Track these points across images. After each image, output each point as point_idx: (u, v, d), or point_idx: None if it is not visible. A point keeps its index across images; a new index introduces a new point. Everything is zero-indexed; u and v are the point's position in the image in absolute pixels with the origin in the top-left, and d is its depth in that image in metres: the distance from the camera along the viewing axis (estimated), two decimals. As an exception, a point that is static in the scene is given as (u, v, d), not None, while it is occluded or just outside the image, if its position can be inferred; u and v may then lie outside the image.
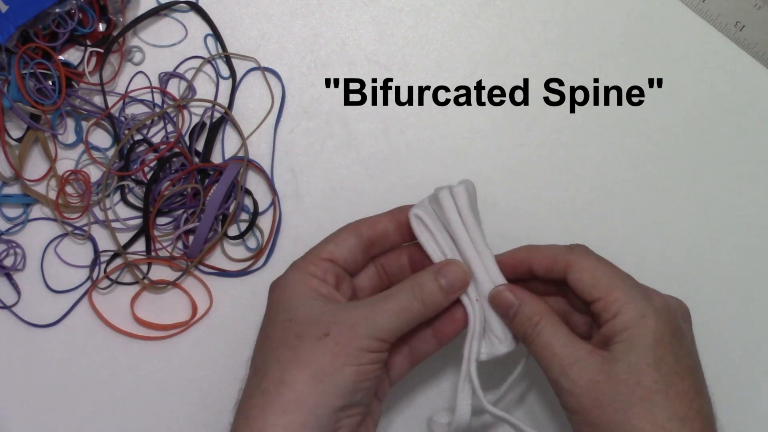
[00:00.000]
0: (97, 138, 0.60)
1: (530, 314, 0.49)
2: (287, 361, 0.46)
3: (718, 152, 0.61)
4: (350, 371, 0.46)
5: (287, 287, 0.50)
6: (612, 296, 0.47)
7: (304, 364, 0.46)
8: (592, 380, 0.46)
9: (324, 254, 0.51)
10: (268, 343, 0.48)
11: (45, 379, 0.60)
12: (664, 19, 0.62)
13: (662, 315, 0.46)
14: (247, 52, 0.61)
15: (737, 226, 0.61)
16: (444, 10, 0.62)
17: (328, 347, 0.46)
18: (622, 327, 0.46)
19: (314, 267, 0.50)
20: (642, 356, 0.45)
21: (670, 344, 0.46)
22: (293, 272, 0.50)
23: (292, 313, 0.48)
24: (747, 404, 0.60)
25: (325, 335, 0.47)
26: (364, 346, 0.47)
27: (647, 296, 0.47)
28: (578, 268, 0.48)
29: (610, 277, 0.48)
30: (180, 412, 0.60)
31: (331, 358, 0.46)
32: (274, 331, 0.48)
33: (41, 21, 0.57)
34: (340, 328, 0.47)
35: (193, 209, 0.59)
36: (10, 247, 0.60)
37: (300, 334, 0.47)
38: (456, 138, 0.61)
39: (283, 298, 0.49)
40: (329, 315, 0.48)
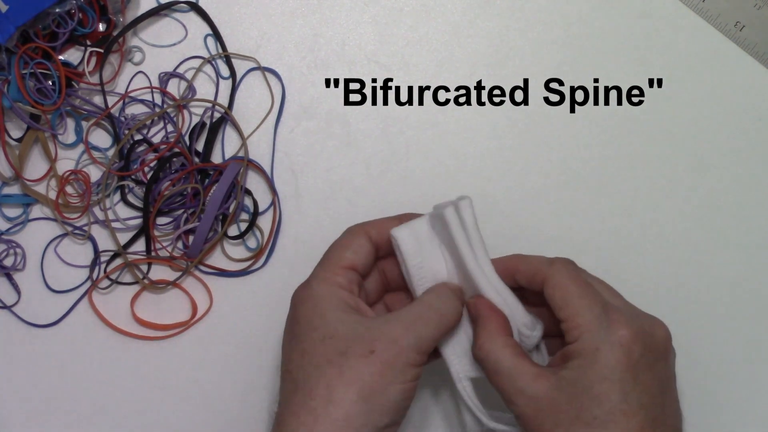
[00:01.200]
0: (97, 138, 0.60)
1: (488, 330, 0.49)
2: (334, 379, 0.46)
3: (718, 152, 0.61)
4: (396, 389, 0.46)
5: (318, 300, 0.49)
6: (574, 321, 0.46)
7: (351, 383, 0.46)
8: (536, 407, 0.46)
9: (345, 263, 0.50)
10: (308, 358, 0.47)
11: (45, 379, 0.60)
12: (664, 19, 0.62)
13: (618, 349, 0.45)
14: (247, 52, 0.61)
15: (737, 226, 0.61)
16: (444, 10, 0.62)
17: (375, 365, 0.46)
18: (576, 354, 0.46)
19: (340, 278, 0.49)
20: (585, 390, 0.45)
21: (620, 380, 0.45)
22: (320, 284, 0.49)
23: (330, 329, 0.47)
24: (747, 404, 0.60)
25: (370, 352, 0.46)
26: (410, 361, 0.46)
27: (609, 326, 0.46)
28: (552, 284, 0.48)
29: (578, 299, 0.47)
30: (180, 412, 0.60)
31: (378, 377, 0.46)
32: (314, 347, 0.47)
33: (41, 21, 0.57)
34: (385, 345, 0.46)
35: (193, 209, 0.59)
36: (10, 247, 0.60)
37: (344, 352, 0.46)
38: (456, 138, 0.61)
39: (315, 313, 0.48)
40: (371, 330, 0.47)
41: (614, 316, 0.46)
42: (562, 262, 0.49)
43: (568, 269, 0.48)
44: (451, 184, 0.60)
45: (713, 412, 0.60)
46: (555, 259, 0.49)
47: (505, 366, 0.47)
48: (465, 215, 0.50)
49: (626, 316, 0.47)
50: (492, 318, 0.49)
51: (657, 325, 0.48)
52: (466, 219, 0.50)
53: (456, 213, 0.50)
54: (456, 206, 0.50)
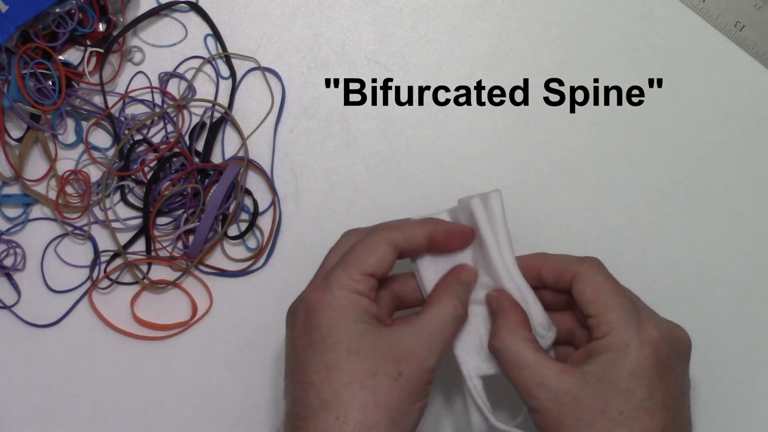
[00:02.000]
0: (97, 138, 0.60)
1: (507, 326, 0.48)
2: (367, 404, 0.45)
3: (718, 152, 0.61)
4: (418, 408, 0.47)
5: (340, 309, 0.47)
6: (606, 316, 0.46)
7: (385, 408, 0.45)
8: (558, 402, 0.45)
9: (367, 269, 0.48)
10: (335, 375, 0.46)
11: (45, 379, 0.60)
12: (664, 19, 0.62)
13: (647, 347, 0.45)
14: (247, 52, 0.61)
15: (738, 226, 0.61)
16: (444, 10, 0.62)
17: (404, 388, 0.46)
18: (604, 350, 0.46)
19: (362, 285, 0.48)
20: (613, 385, 0.45)
21: (647, 378, 0.45)
22: (340, 291, 0.47)
23: (355, 343, 0.46)
24: (747, 404, 0.60)
25: (399, 374, 0.46)
26: (429, 379, 0.47)
27: (640, 324, 0.46)
28: (583, 280, 0.48)
29: (611, 296, 0.47)
30: (180, 412, 0.60)
31: (406, 399, 0.46)
32: (339, 362, 0.46)
33: (41, 21, 0.57)
34: (411, 366, 0.46)
35: (193, 209, 0.59)
36: (10, 247, 0.60)
37: (374, 372, 0.46)
38: (456, 138, 0.61)
39: (337, 323, 0.47)
40: (396, 349, 0.46)
41: (644, 315, 0.47)
42: (594, 260, 0.49)
43: (599, 268, 0.49)
44: (451, 184, 0.60)
45: (713, 412, 0.60)
46: (586, 257, 0.50)
47: (526, 358, 0.47)
48: (494, 207, 0.50)
49: (654, 317, 0.47)
50: (513, 311, 0.49)
51: (681, 330, 0.49)
52: (495, 210, 0.50)
53: (483, 205, 0.50)
54: (484, 198, 0.50)
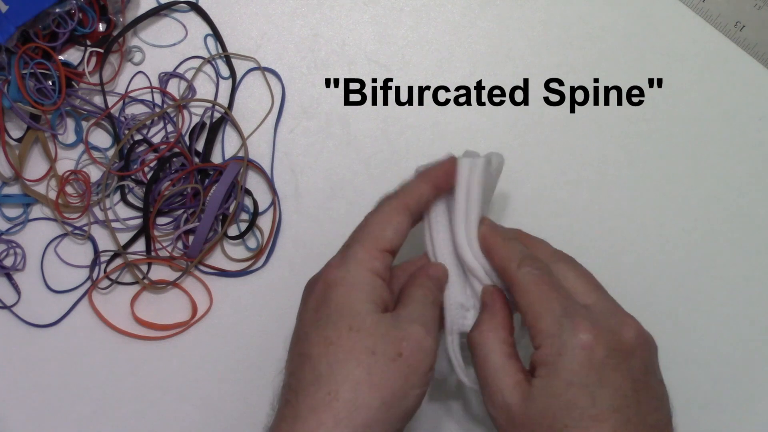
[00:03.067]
0: (97, 138, 0.60)
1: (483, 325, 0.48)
2: (360, 382, 0.44)
3: (718, 152, 0.61)
4: (416, 394, 0.45)
5: (353, 287, 0.46)
6: (537, 326, 0.45)
7: (378, 387, 0.44)
8: (509, 414, 0.45)
9: (385, 244, 0.47)
10: (332, 350, 0.45)
11: (45, 379, 0.60)
12: (664, 19, 0.62)
13: (580, 352, 0.44)
14: (247, 52, 0.61)
15: (737, 226, 0.61)
16: (444, 10, 0.62)
17: (402, 370, 0.45)
18: (542, 362, 0.45)
19: (378, 262, 0.47)
20: (554, 398, 0.44)
21: (585, 385, 0.43)
22: (356, 266, 0.47)
23: (358, 322, 0.45)
24: (747, 404, 0.60)
25: (398, 355, 0.45)
26: (430, 364, 0.46)
27: (572, 329, 0.44)
28: (517, 289, 0.47)
29: (543, 303, 0.46)
30: (180, 412, 0.60)
31: (403, 382, 0.45)
32: (340, 337, 0.45)
33: (41, 21, 0.57)
34: (412, 348, 0.45)
35: (193, 209, 0.59)
36: (10, 247, 0.60)
37: (372, 351, 0.45)
38: (456, 138, 0.61)
39: (345, 300, 0.46)
40: (398, 331, 0.46)
41: (577, 318, 0.45)
42: (532, 264, 0.47)
43: (533, 273, 0.47)
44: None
45: (712, 412, 0.60)
46: (525, 260, 0.48)
47: (494, 361, 0.46)
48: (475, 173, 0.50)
49: (590, 317, 0.45)
50: (502, 312, 0.48)
51: (626, 323, 0.46)
52: (475, 177, 0.50)
53: (469, 167, 0.50)
54: (473, 162, 0.50)
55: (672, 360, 0.61)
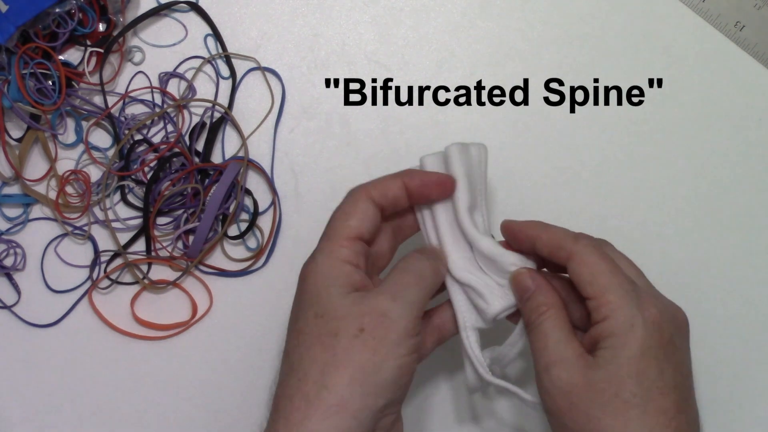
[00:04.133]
0: (97, 138, 0.60)
1: (539, 303, 0.48)
2: (326, 363, 0.45)
3: (718, 152, 0.61)
4: (391, 366, 0.45)
5: (318, 276, 0.47)
6: (604, 298, 0.45)
7: (344, 365, 0.45)
8: (571, 383, 0.45)
9: (350, 232, 0.48)
10: (302, 339, 0.46)
11: (45, 379, 0.60)
12: (664, 19, 0.62)
13: (651, 326, 0.45)
14: (247, 52, 0.61)
15: (737, 226, 0.61)
16: (444, 10, 0.62)
17: (366, 343, 0.45)
18: (609, 333, 0.45)
19: (346, 250, 0.48)
20: (623, 367, 0.44)
21: (656, 358, 0.44)
22: (324, 258, 0.48)
23: (323, 307, 0.46)
24: (747, 404, 0.60)
25: (360, 331, 0.45)
26: (402, 332, 0.45)
27: (641, 304, 0.45)
28: (579, 261, 0.47)
29: (608, 277, 0.46)
30: (180, 412, 0.60)
31: (370, 355, 0.45)
32: (307, 326, 0.46)
33: (41, 21, 0.57)
34: (374, 319, 0.45)
35: (193, 209, 0.59)
36: (10, 247, 0.60)
37: (335, 332, 0.45)
38: (456, 138, 0.61)
39: (314, 289, 0.47)
40: (360, 306, 0.46)
41: (644, 295, 0.46)
42: (587, 239, 0.48)
43: (594, 246, 0.47)
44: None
45: (713, 412, 0.60)
46: (580, 235, 0.48)
47: (554, 337, 0.46)
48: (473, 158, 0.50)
49: (654, 296, 0.47)
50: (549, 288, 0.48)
51: (678, 309, 0.48)
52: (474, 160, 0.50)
53: (460, 153, 0.50)
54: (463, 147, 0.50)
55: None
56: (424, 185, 0.50)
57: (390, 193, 0.50)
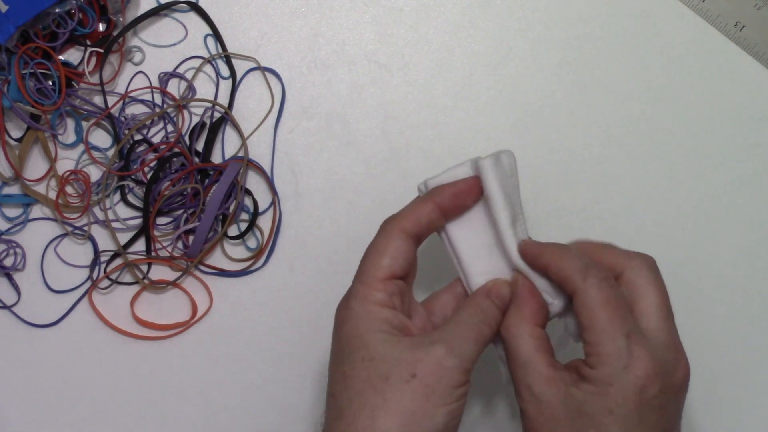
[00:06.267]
0: (97, 138, 0.60)
1: None
2: (376, 407, 0.44)
3: (718, 152, 0.61)
4: (442, 412, 0.45)
5: (358, 321, 0.47)
6: (596, 348, 0.45)
7: (394, 410, 0.44)
8: (538, 409, 0.45)
9: (383, 274, 0.47)
10: (350, 383, 0.46)
11: (45, 379, 0.60)
12: (664, 19, 0.62)
13: (631, 388, 0.43)
14: (247, 52, 0.61)
15: (737, 226, 0.61)
16: (444, 10, 0.62)
17: (418, 390, 0.44)
18: (591, 380, 0.44)
19: (380, 294, 0.47)
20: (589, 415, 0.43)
21: (624, 417, 0.43)
22: (359, 303, 0.47)
23: (371, 351, 0.46)
24: (747, 404, 0.60)
25: (412, 377, 0.45)
26: (454, 382, 0.45)
27: (630, 365, 0.44)
28: (581, 302, 0.46)
29: (605, 325, 0.45)
30: (180, 412, 0.60)
31: (421, 402, 0.44)
32: (354, 370, 0.46)
33: (41, 21, 0.57)
34: (427, 366, 0.45)
35: (193, 209, 0.59)
36: (10, 247, 0.60)
37: (386, 376, 0.45)
38: (456, 138, 0.61)
39: (356, 333, 0.46)
40: (412, 352, 0.45)
41: (637, 351, 0.44)
42: (596, 276, 0.46)
43: (601, 288, 0.45)
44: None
45: (713, 413, 0.60)
46: (591, 270, 0.46)
47: (523, 355, 0.46)
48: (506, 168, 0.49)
49: (651, 352, 0.44)
50: (528, 303, 0.48)
51: (680, 364, 0.46)
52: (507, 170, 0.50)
53: (494, 166, 0.49)
54: (495, 158, 0.49)
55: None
56: (457, 196, 0.50)
57: (424, 220, 0.49)
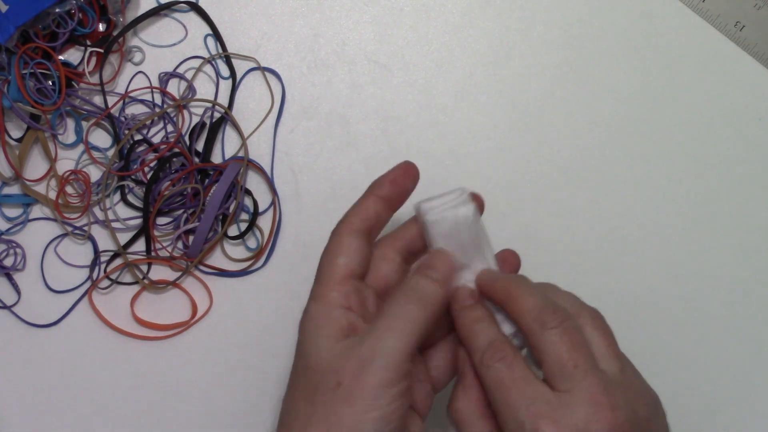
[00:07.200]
0: (97, 138, 0.60)
1: None
2: (308, 417, 0.44)
3: (717, 152, 0.61)
4: (372, 418, 0.43)
5: (310, 324, 0.46)
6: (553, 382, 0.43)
7: (322, 422, 0.43)
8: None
9: (340, 273, 0.47)
10: (290, 391, 0.46)
11: (45, 379, 0.60)
12: (664, 19, 0.62)
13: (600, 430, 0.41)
14: (247, 52, 0.61)
15: (737, 226, 0.61)
16: (444, 10, 0.62)
17: (344, 398, 0.43)
18: None
19: (335, 293, 0.46)
20: None
21: None
22: (314, 304, 0.47)
23: (309, 360, 0.45)
24: (747, 404, 0.60)
25: (337, 385, 0.43)
26: (381, 383, 0.43)
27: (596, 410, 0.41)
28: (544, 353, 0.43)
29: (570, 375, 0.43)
30: (180, 412, 0.60)
31: (348, 411, 0.43)
32: (296, 379, 0.46)
33: (41, 21, 0.57)
34: (351, 372, 0.43)
35: (193, 209, 0.59)
36: (10, 247, 0.60)
37: (316, 386, 0.44)
38: (456, 138, 0.61)
39: (303, 339, 0.46)
40: (340, 358, 0.44)
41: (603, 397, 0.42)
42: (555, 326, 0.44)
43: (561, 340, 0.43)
44: (451, 184, 0.60)
45: (713, 413, 0.60)
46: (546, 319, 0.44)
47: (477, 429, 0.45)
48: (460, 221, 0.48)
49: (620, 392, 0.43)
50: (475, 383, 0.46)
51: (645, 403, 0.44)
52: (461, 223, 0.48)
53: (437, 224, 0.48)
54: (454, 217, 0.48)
55: (671, 361, 0.61)
56: (394, 183, 0.49)
57: (371, 214, 0.49)
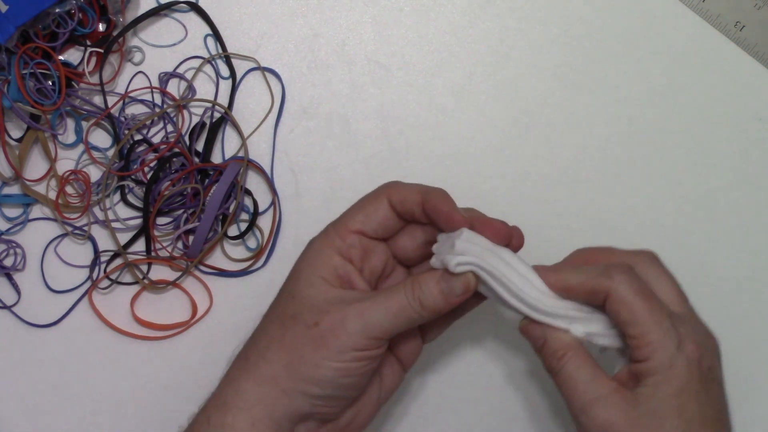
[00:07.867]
0: (97, 138, 0.60)
1: (555, 348, 0.47)
2: (273, 339, 0.48)
3: (717, 152, 0.61)
4: (330, 366, 0.46)
5: (310, 258, 0.49)
6: (645, 339, 0.45)
7: (286, 348, 0.47)
8: (611, 420, 0.45)
9: (353, 225, 0.50)
10: (270, 311, 0.50)
11: (45, 379, 0.60)
12: (664, 19, 0.62)
13: (691, 363, 0.45)
14: (247, 52, 0.61)
15: (737, 226, 0.61)
16: (444, 10, 0.62)
17: (314, 338, 0.46)
18: (650, 372, 0.45)
19: (340, 240, 0.49)
20: (665, 404, 0.44)
21: (696, 392, 0.45)
22: (320, 242, 0.50)
23: (297, 289, 0.49)
24: (747, 404, 0.60)
25: (314, 324, 0.47)
26: (351, 344, 0.46)
27: (680, 342, 0.45)
28: (617, 299, 0.46)
29: (648, 315, 0.45)
30: (180, 412, 0.59)
31: (312, 349, 0.46)
32: (277, 302, 0.49)
33: (41, 21, 0.57)
34: (330, 321, 0.47)
35: (193, 209, 0.59)
36: (10, 247, 0.60)
37: (294, 316, 0.48)
38: (456, 138, 0.61)
39: (300, 269, 0.49)
40: (326, 303, 0.47)
41: (683, 331, 0.46)
42: (621, 272, 0.46)
43: (630, 281, 0.46)
44: (451, 184, 0.60)
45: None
46: (613, 269, 0.46)
47: (583, 377, 0.46)
48: None
49: (691, 328, 0.46)
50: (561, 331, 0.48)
51: (711, 335, 0.48)
52: None
53: None
54: None
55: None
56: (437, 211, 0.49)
57: (408, 201, 0.50)
